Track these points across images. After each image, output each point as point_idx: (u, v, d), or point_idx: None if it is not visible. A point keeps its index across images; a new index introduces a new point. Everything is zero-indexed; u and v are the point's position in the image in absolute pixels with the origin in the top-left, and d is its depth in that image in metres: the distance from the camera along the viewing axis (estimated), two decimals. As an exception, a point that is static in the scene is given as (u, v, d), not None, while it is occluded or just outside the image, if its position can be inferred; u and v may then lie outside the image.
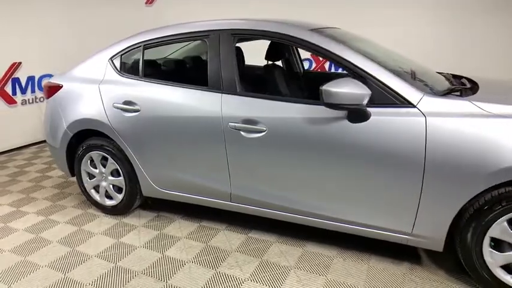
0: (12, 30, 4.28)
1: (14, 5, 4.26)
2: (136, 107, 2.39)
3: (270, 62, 2.71)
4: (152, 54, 2.75)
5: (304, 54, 5.95)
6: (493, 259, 1.75)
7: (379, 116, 1.80)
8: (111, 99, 2.48)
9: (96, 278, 2.04)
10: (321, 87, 1.74)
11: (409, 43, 4.85)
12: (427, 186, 1.75)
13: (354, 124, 1.83)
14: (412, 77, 2.03)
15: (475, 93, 1.91)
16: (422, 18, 5.06)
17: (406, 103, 1.77)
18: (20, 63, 4.42)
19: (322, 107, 1.83)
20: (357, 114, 1.82)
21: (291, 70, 3.21)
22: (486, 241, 1.73)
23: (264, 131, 2.03)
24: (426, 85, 1.97)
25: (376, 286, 1.91)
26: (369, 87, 1.80)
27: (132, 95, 2.42)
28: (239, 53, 2.66)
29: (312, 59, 6.05)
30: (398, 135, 1.76)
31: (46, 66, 4.62)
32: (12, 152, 4.38)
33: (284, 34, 2.06)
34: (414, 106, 1.76)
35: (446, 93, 1.84)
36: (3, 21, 4.19)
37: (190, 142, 2.27)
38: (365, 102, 1.74)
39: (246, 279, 1.97)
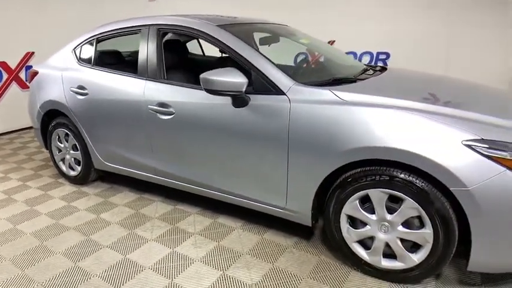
0: (27, 23, 4.91)
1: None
2: (85, 91, 2.80)
3: (224, 54, 2.98)
4: (114, 46, 3.15)
5: (300, 48, 6.14)
6: (349, 235, 1.93)
7: (257, 102, 2.03)
8: (69, 84, 2.91)
9: (38, 229, 2.49)
10: (200, 75, 2.00)
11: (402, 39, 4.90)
12: (291, 164, 1.96)
13: (237, 108, 2.08)
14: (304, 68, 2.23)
15: (352, 83, 2.08)
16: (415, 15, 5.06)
17: (279, 91, 1.99)
18: (33, 52, 5.07)
19: (216, 94, 2.10)
20: (238, 100, 2.06)
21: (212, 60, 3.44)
22: (343, 218, 1.91)
23: (173, 114, 2.34)
24: (308, 76, 2.15)
25: (256, 254, 2.15)
26: (253, 77, 2.05)
27: (83, 81, 2.83)
28: (174, 45, 2.93)
29: (307, 53, 6.20)
30: (270, 118, 1.98)
31: (56, 56, 5.23)
32: (23, 131, 5.05)
33: (193, 28, 2.34)
34: (284, 94, 1.97)
35: (318, 84, 2.01)
36: (19, 15, 4.83)
37: (123, 122, 2.63)
38: (243, 89, 1.98)
39: (197, 259, 2.31)
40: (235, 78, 1.96)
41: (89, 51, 2.93)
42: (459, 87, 2.36)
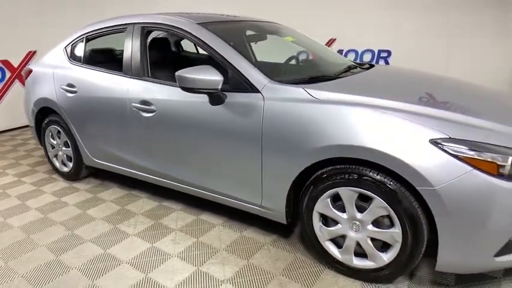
0: (29, 22, 5.02)
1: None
2: (75, 89, 2.85)
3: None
4: (110, 44, 3.20)
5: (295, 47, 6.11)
6: (322, 233, 1.92)
7: (233, 100, 2.04)
8: (60, 82, 2.97)
9: (26, 222, 2.55)
10: (176, 73, 2.02)
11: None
12: (265, 162, 1.96)
13: (214, 106, 2.09)
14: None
15: (328, 81, 2.07)
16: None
17: (254, 89, 1.99)
18: (35, 51, 5.18)
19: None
20: (214, 98, 2.07)
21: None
22: (315, 216, 1.91)
23: (155, 111, 2.36)
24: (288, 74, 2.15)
25: (233, 250, 2.17)
26: (230, 75, 2.06)
27: (73, 78, 2.88)
28: (161, 43, 2.95)
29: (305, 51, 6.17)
30: (245, 115, 1.99)
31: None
32: (24, 128, 5.16)
33: (174, 26, 2.36)
34: (259, 91, 1.97)
35: (294, 82, 2.01)
36: (21, 14, 4.94)
37: (109, 119, 2.67)
38: (219, 87, 1.99)
39: (174, 254, 2.35)
40: (210, 76, 1.97)
41: (78, 50, 2.99)
42: (440, 86, 2.33)
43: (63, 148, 3.18)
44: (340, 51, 5.95)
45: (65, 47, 3.07)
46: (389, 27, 5.38)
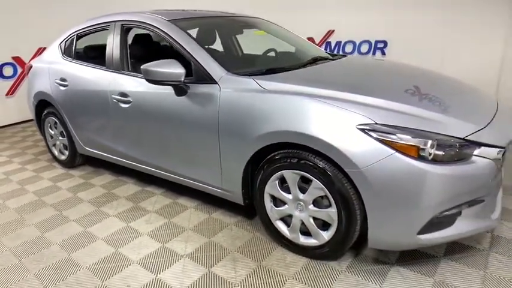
0: (40, 20, 5.34)
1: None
2: (66, 83, 3.10)
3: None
4: (95, 41, 3.42)
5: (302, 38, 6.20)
6: (272, 213, 2.08)
7: (195, 90, 2.21)
8: (54, 76, 3.22)
9: (21, 204, 2.83)
10: (141, 66, 2.20)
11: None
12: (222, 147, 2.13)
13: (178, 97, 2.27)
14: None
15: (282, 73, 2.20)
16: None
17: (213, 80, 2.15)
18: (45, 48, 5.47)
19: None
20: (178, 89, 2.25)
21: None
22: (267, 197, 2.07)
23: (131, 102, 2.57)
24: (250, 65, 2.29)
25: (199, 230, 2.35)
26: (194, 68, 2.23)
27: (65, 73, 3.13)
28: (144, 39, 3.13)
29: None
30: (204, 105, 2.16)
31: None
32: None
33: (146, 23, 2.55)
34: (216, 83, 2.13)
35: (251, 73, 2.15)
36: (32, 12, 5.27)
37: (95, 110, 2.90)
38: (182, 79, 2.16)
39: (145, 233, 2.58)
40: (173, 69, 2.14)
41: (70, 46, 3.23)
42: (393, 74, 2.44)
43: (60, 138, 3.46)
44: (338, 43, 6.00)
45: (59, 44, 3.32)
46: (386, 19, 5.38)
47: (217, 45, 3.22)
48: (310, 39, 6.12)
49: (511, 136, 1.82)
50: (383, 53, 5.63)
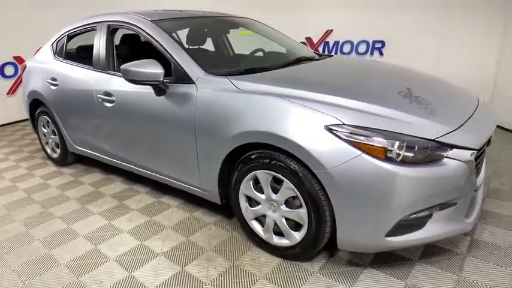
0: (40, 20, 5.43)
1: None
2: (56, 82, 3.14)
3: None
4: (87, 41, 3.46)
5: (299, 37, 6.19)
6: (247, 213, 2.08)
7: (174, 90, 2.22)
8: (46, 76, 3.28)
9: (11, 201, 2.89)
10: (121, 66, 2.22)
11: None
12: (199, 147, 2.14)
13: (158, 96, 2.28)
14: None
15: (260, 73, 2.19)
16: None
17: (190, 80, 2.16)
18: (45, 48, 5.60)
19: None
20: (157, 89, 2.27)
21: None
22: (242, 197, 2.07)
23: (114, 102, 2.59)
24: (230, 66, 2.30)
25: (178, 228, 2.37)
26: (173, 68, 2.24)
27: (55, 72, 3.18)
28: (131, 39, 3.14)
29: (306, 42, 6.23)
30: (182, 104, 2.17)
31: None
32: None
33: (130, 23, 2.58)
34: (194, 82, 2.14)
35: (228, 73, 2.15)
36: (32, 12, 5.36)
37: (83, 109, 2.94)
38: (161, 79, 2.18)
39: (126, 231, 2.61)
40: (152, 69, 2.16)
41: (61, 46, 3.28)
42: (372, 74, 2.43)
43: (52, 136, 3.51)
44: (336, 42, 5.97)
45: (52, 44, 3.38)
46: (384, 19, 5.34)
47: (209, 46, 3.24)
48: (309, 39, 6.12)
49: (485, 139, 1.79)
50: (381, 53, 5.58)
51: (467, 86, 4.51)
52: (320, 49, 6.05)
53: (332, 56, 2.94)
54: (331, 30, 5.94)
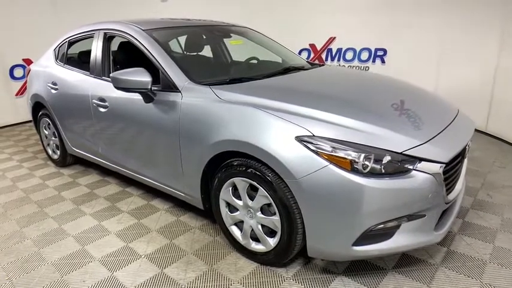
0: (50, 23, 5.62)
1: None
2: (57, 86, 3.27)
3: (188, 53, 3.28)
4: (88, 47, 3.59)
5: (303, 44, 6.27)
6: (227, 218, 2.14)
7: (161, 98, 2.31)
8: (47, 80, 3.41)
9: (8, 200, 3.02)
10: (110, 74, 2.32)
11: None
12: (183, 154, 2.22)
13: (146, 104, 2.37)
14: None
15: (244, 83, 2.27)
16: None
17: (176, 89, 2.25)
18: (54, 52, 5.79)
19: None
20: (145, 96, 2.36)
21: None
22: (222, 203, 2.14)
23: (108, 107, 2.70)
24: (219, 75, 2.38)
25: (163, 232, 2.45)
26: (161, 77, 2.33)
27: (56, 77, 3.31)
28: (127, 46, 3.23)
29: (310, 49, 6.28)
30: (168, 112, 2.25)
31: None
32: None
33: (123, 31, 2.68)
34: (179, 91, 2.23)
35: (214, 83, 2.23)
36: (42, 15, 5.56)
37: (79, 113, 3.05)
38: (149, 87, 2.27)
39: (114, 232, 2.71)
40: (140, 77, 2.25)
41: (62, 52, 3.41)
42: (353, 85, 2.47)
43: (53, 138, 3.65)
44: (339, 49, 6.01)
45: (54, 49, 3.52)
46: (386, 27, 5.36)
47: (208, 53, 3.33)
48: (312, 45, 6.17)
49: (454, 152, 1.81)
50: (382, 61, 5.60)
51: (466, 94, 4.50)
52: (323, 56, 6.10)
53: (323, 65, 2.99)
54: (334, 37, 5.98)
